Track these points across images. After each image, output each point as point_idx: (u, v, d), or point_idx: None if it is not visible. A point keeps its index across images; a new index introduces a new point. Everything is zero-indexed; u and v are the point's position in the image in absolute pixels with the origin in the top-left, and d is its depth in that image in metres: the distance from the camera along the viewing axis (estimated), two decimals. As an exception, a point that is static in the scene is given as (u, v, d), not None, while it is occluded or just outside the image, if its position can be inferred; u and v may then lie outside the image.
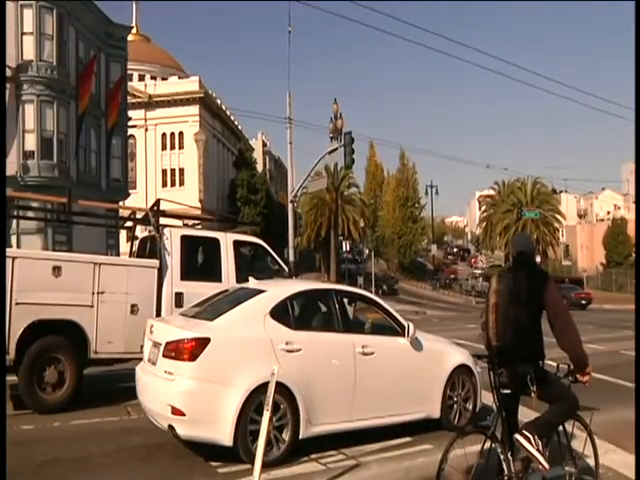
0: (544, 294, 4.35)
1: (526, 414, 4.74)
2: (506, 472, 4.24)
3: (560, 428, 4.62)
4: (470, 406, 7.44)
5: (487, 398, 7.99)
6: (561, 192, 65.39)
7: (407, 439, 6.84)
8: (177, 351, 5.80)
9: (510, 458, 4.27)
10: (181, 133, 53.16)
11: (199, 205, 46.27)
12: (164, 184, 52.96)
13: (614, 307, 34.76)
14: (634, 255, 60.54)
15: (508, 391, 4.41)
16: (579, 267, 66.46)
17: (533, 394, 4.26)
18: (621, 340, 15.91)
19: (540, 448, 4.25)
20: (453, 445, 4.23)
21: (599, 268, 63.65)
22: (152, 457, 6.09)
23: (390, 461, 6.15)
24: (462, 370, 7.41)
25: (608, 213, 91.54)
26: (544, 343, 4.41)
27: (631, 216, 71.56)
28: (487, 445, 4.29)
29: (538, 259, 56.33)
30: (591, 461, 4.88)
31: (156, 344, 6.24)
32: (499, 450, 4.29)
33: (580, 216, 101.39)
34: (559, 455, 4.59)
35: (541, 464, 4.22)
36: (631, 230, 61.51)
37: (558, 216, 60.33)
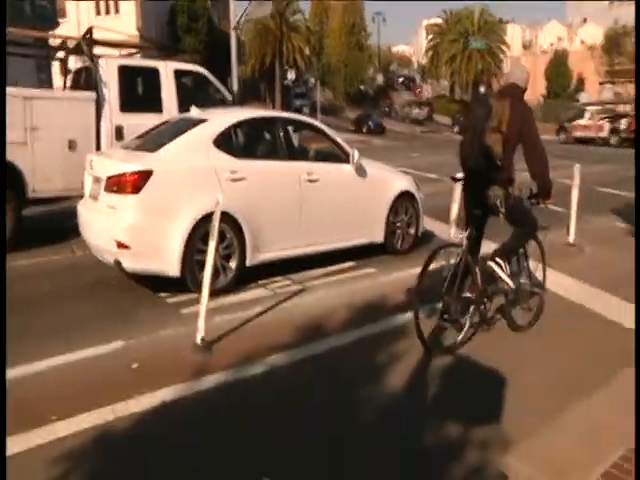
0: (524, 127, 4.53)
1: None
2: (475, 283, 4.68)
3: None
4: (413, 231, 7.67)
5: (428, 224, 8.30)
6: (507, 22, 63.81)
7: (352, 264, 7.07)
8: (119, 185, 5.65)
9: (478, 272, 4.67)
10: (114, -47, 48.26)
11: (137, 34, 43.28)
12: (97, 12, 48.67)
13: (551, 137, 35.52)
14: (572, 87, 61.24)
15: (479, 211, 4.71)
16: (522, 98, 66.64)
17: (501, 215, 4.58)
18: (556, 169, 16.43)
19: (508, 271, 4.81)
20: (432, 260, 4.56)
21: (540, 100, 64.19)
22: (99, 292, 6.08)
23: (335, 285, 6.38)
24: (405, 196, 7.54)
25: (551, 45, 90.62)
26: (514, 170, 4.64)
27: (573, 48, 71.43)
28: (456, 260, 4.63)
29: (482, 89, 56.30)
30: (540, 275, 5.37)
31: (97, 179, 6.06)
32: (470, 263, 4.64)
33: (525, 47, 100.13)
34: (517, 269, 5.02)
35: (507, 285, 4.82)
36: (571, 62, 61.61)
37: (503, 47, 59.52)
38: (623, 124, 31.92)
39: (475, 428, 3.61)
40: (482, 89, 56.26)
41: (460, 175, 4.86)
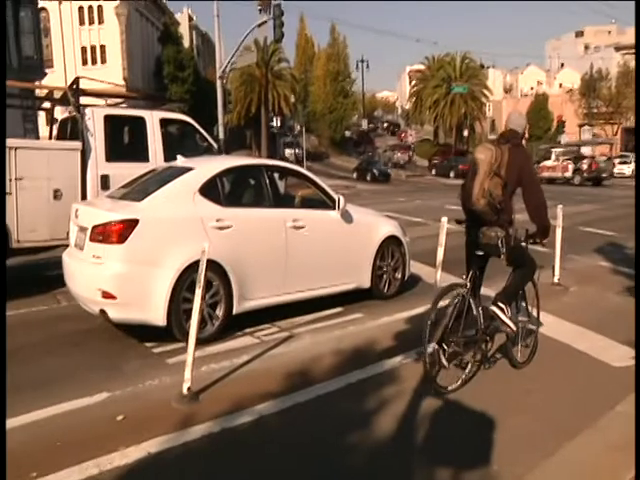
0: (523, 172, 4.71)
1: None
2: (477, 322, 4.82)
3: None
4: (399, 275, 7.69)
5: (415, 268, 8.34)
6: (489, 67, 65.41)
7: (339, 309, 7.05)
8: (105, 234, 5.64)
9: (480, 312, 4.82)
10: (100, 7, 49.23)
11: (123, 84, 43.98)
12: (84, 62, 49.59)
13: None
14: (553, 129, 62.56)
15: (481, 253, 4.84)
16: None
17: (502, 256, 4.69)
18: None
19: (510, 314, 4.89)
20: (440, 299, 4.67)
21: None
22: (84, 343, 6.02)
23: (323, 331, 6.35)
24: (391, 241, 7.59)
25: (532, 89, 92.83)
26: (514, 212, 4.80)
27: (552, 91, 73.44)
28: (460, 300, 4.74)
29: (466, 133, 57.39)
30: (534, 312, 5.44)
31: (82, 229, 6.04)
32: (472, 303, 4.79)
33: (506, 91, 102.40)
34: (516, 308, 5.13)
35: (510, 328, 4.88)
36: (552, 105, 63.19)
37: (485, 91, 60.82)
38: (585, 164, 34.26)
39: (466, 471, 3.57)
40: (465, 133, 57.43)
41: (444, 219, 4.99)
